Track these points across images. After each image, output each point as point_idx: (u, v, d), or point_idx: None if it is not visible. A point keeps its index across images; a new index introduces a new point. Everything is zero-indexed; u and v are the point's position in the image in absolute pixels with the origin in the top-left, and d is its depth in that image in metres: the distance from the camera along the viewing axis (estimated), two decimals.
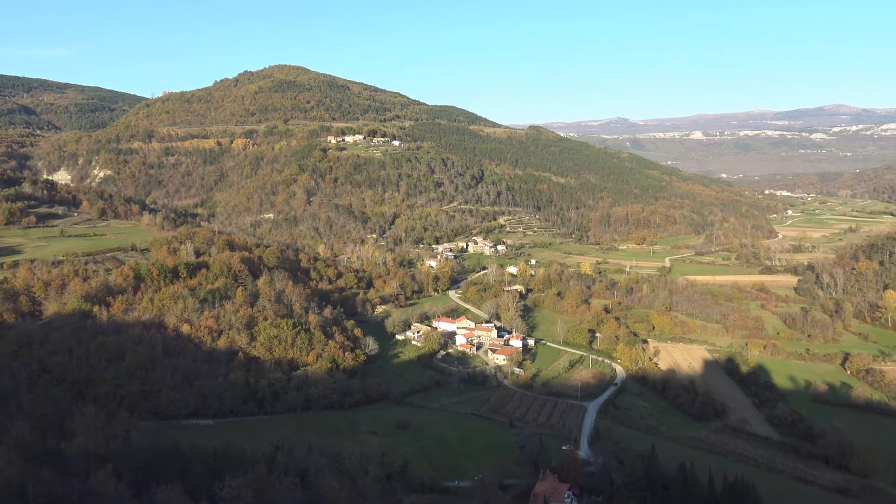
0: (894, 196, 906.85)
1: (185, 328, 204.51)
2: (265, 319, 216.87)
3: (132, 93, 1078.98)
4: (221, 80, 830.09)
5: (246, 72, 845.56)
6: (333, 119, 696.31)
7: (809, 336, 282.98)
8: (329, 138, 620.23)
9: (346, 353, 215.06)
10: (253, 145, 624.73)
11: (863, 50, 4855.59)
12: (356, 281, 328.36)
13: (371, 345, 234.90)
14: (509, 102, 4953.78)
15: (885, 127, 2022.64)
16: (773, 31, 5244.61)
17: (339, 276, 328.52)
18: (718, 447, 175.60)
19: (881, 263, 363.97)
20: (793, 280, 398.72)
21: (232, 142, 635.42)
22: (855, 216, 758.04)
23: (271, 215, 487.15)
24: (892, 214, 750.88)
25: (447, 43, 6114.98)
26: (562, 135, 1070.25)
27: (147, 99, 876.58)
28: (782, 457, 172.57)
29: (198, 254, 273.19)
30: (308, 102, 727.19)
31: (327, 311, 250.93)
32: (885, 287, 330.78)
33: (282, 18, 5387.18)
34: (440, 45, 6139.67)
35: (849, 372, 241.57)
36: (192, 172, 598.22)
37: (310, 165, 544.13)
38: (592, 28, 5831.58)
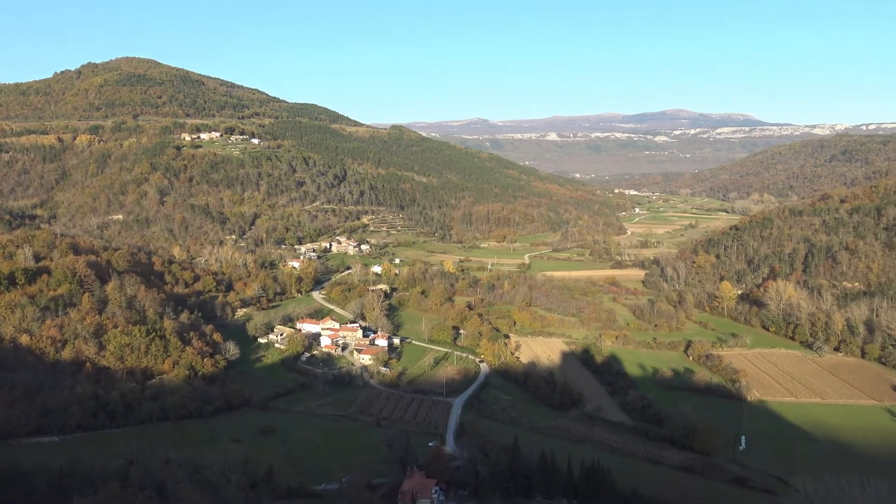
0: (728, 194, 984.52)
1: (25, 339, 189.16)
2: (115, 327, 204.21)
3: None
4: (62, 72, 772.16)
5: (90, 63, 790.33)
6: (188, 115, 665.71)
7: (656, 326, 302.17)
8: (183, 135, 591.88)
9: (205, 360, 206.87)
10: (99, 142, 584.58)
11: (700, 59, 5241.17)
12: (215, 284, 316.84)
13: (232, 350, 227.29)
14: (371, 102, 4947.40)
15: (719, 130, 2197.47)
16: (619, 41, 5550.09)
17: (197, 279, 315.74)
18: (577, 435, 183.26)
19: (717, 257, 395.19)
20: (640, 274, 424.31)
21: (75, 138, 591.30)
22: (694, 213, 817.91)
23: (121, 216, 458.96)
24: (726, 211, 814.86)
25: (307, 40, 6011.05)
26: (424, 135, 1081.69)
27: None
28: (634, 440, 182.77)
29: (38, 258, 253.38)
30: (160, 97, 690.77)
31: (184, 316, 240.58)
32: (721, 279, 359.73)
33: (129, 7, 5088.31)
34: (300, 42, 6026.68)
35: (691, 358, 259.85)
36: (30, 171, 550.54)
37: (162, 164, 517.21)
38: (453, 31, 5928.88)
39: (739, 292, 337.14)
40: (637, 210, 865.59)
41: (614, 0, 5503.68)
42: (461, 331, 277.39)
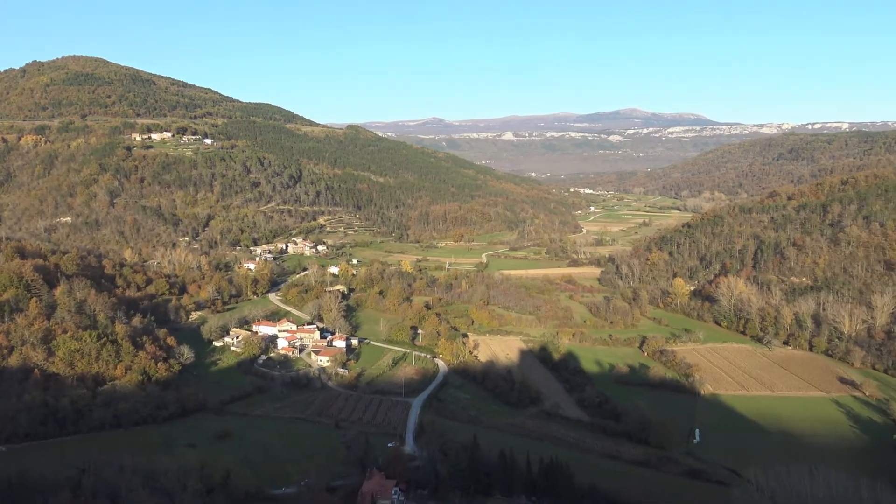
0: (680, 193, 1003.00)
1: None
2: (65, 332, 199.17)
3: None
4: (6, 71, 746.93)
5: (35, 62, 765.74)
6: (138, 115, 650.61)
7: (612, 323, 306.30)
8: (134, 136, 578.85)
9: (159, 364, 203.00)
10: (45, 142, 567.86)
11: (652, 60, 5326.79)
12: (168, 287, 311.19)
13: (186, 353, 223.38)
14: (326, 101, 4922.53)
15: (671, 130, 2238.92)
16: (573, 42, 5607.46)
17: (149, 282, 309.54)
18: (535, 432, 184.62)
19: (671, 254, 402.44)
20: (596, 271, 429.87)
21: (20, 138, 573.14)
22: (648, 211, 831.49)
23: (69, 219, 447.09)
24: (678, 209, 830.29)
25: (260, 39, 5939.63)
26: (380, 134, 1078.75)
27: None
28: (592, 436, 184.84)
29: None
30: (109, 97, 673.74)
31: (136, 320, 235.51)
32: (675, 275, 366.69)
33: (76, 4, 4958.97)
34: (253, 41, 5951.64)
35: (646, 354, 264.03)
36: None
37: (112, 164, 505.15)
38: (409, 31, 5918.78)
39: (692, 288, 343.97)
40: (592, 209, 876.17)
41: (567, 3, 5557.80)
42: (419, 331, 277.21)
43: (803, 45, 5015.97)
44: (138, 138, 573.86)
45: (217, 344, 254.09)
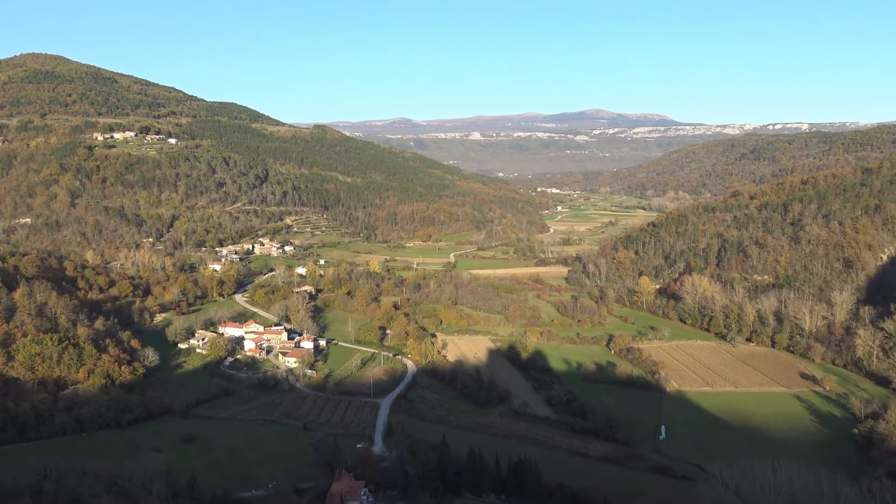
0: (645, 192, 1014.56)
1: None
2: (25, 336, 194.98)
3: None
4: None
5: None
6: (100, 114, 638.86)
7: (579, 321, 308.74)
8: (95, 135, 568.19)
9: (123, 367, 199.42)
10: (3, 142, 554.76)
11: (617, 60, 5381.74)
12: (132, 289, 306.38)
13: (151, 356, 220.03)
14: (293, 100, 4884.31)
15: (636, 130, 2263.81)
16: (540, 43, 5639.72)
17: (112, 284, 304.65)
18: (504, 431, 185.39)
19: (636, 253, 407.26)
20: (563, 270, 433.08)
21: None
22: (614, 211, 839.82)
23: (28, 220, 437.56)
24: (643, 209, 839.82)
25: (225, 37, 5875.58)
26: (347, 134, 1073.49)
27: None
28: (560, 434, 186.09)
29: None
30: (69, 96, 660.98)
31: (99, 323, 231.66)
32: (641, 274, 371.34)
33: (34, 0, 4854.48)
34: (218, 39, 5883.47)
35: (613, 352, 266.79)
36: None
37: (74, 164, 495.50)
38: (375, 30, 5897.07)
39: (658, 287, 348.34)
40: (559, 208, 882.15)
41: (533, 4, 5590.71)
42: (388, 331, 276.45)
43: (764, 48, 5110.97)
44: (100, 138, 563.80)
45: (182, 346, 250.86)
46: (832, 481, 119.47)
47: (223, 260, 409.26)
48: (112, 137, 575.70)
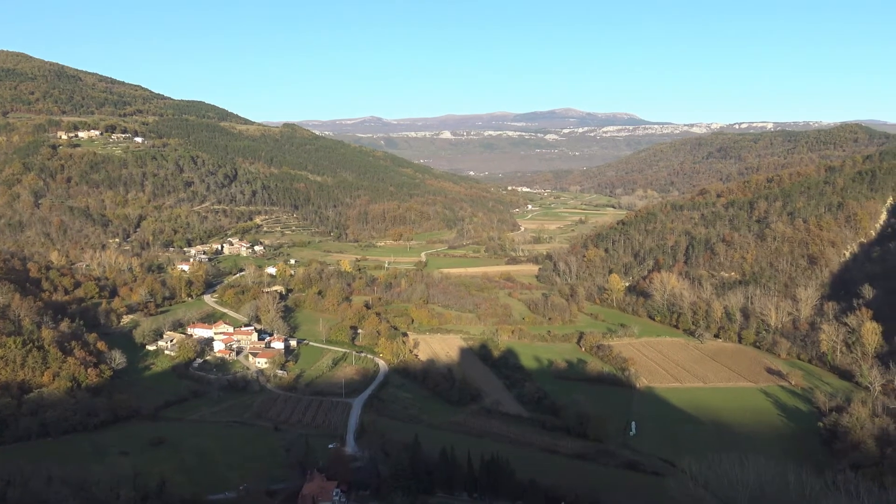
0: (615, 191, 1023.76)
1: None
2: None
3: None
4: None
5: None
6: (64, 113, 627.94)
7: (550, 319, 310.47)
8: (59, 134, 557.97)
9: (89, 370, 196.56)
10: None
11: (586, 60, 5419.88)
12: (98, 290, 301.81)
13: (118, 358, 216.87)
14: (262, 99, 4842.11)
15: (605, 129, 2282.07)
16: (510, 41, 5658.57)
17: (78, 285, 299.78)
18: (476, 429, 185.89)
19: (606, 251, 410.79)
20: (534, 269, 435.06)
21: None
22: (584, 209, 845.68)
23: None
24: (613, 207, 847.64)
25: (192, 34, 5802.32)
26: (317, 133, 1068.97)
27: None
28: (531, 431, 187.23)
29: None
30: (32, 94, 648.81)
31: (64, 325, 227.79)
32: (610, 271, 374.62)
33: None
34: (185, 36, 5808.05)
35: (584, 349, 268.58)
36: None
37: (37, 164, 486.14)
38: (346, 29, 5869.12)
39: (627, 284, 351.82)
40: (530, 207, 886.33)
41: (503, 4, 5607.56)
42: (359, 330, 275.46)
43: (730, 49, 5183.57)
44: (64, 136, 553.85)
45: (150, 348, 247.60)
46: (798, 474, 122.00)
47: (192, 260, 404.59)
48: (77, 136, 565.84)
